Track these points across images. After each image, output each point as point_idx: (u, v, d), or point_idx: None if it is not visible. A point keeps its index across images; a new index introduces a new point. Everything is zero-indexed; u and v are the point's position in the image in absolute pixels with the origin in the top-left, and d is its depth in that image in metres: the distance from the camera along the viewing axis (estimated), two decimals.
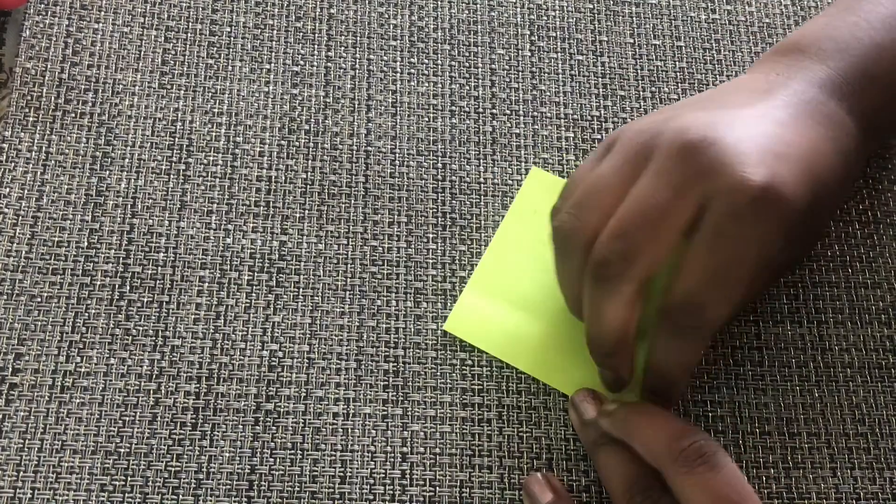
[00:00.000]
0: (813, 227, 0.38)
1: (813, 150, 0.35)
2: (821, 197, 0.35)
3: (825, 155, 0.36)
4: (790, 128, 0.35)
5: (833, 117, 0.37)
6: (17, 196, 0.40)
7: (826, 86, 0.38)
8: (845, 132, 0.37)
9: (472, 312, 0.40)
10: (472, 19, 0.47)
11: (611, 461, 0.36)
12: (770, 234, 0.33)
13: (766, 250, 0.33)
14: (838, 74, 0.38)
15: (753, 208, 0.32)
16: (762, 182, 0.32)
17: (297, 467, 0.37)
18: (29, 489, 0.36)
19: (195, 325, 0.39)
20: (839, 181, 0.37)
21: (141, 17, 0.44)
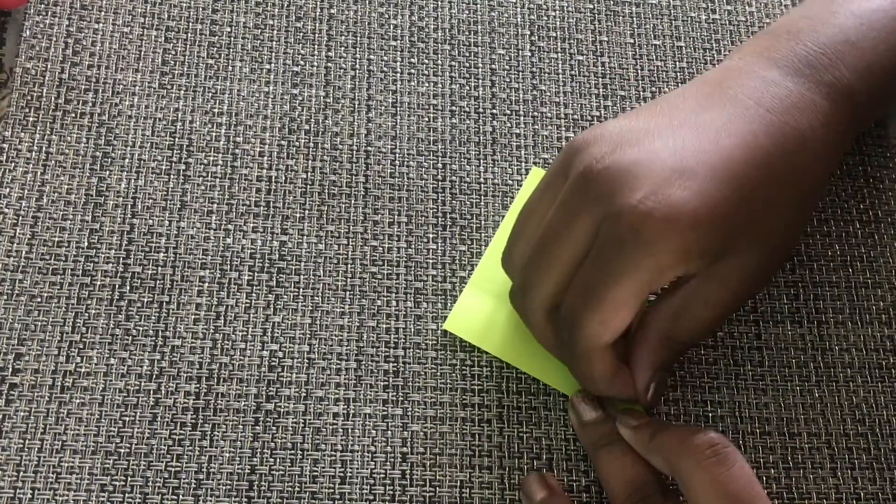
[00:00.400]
0: (769, 225, 0.36)
1: (740, 151, 0.35)
2: (754, 196, 0.35)
3: (758, 151, 0.35)
4: (713, 132, 0.35)
5: (789, 99, 0.36)
6: (17, 196, 0.40)
7: (791, 64, 0.37)
8: (805, 112, 0.36)
9: (472, 312, 0.40)
10: (472, 19, 0.47)
11: (611, 463, 0.36)
12: (660, 257, 0.33)
13: (661, 271, 0.33)
14: (812, 47, 0.38)
15: (633, 235, 0.33)
16: (643, 209, 0.33)
17: (297, 467, 0.37)
18: (29, 489, 0.36)
19: (195, 325, 0.39)
20: (792, 169, 0.36)
21: (141, 17, 0.44)
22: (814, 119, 0.36)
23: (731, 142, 0.35)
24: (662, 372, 0.36)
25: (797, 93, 0.37)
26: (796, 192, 0.36)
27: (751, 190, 0.34)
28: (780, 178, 0.35)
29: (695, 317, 0.35)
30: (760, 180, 0.35)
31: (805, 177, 0.36)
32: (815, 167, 0.37)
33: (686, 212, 0.33)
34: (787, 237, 0.37)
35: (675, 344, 0.36)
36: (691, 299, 0.35)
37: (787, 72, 0.37)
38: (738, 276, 0.35)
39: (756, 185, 0.35)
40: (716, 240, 0.34)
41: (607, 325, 0.34)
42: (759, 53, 0.38)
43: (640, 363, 0.36)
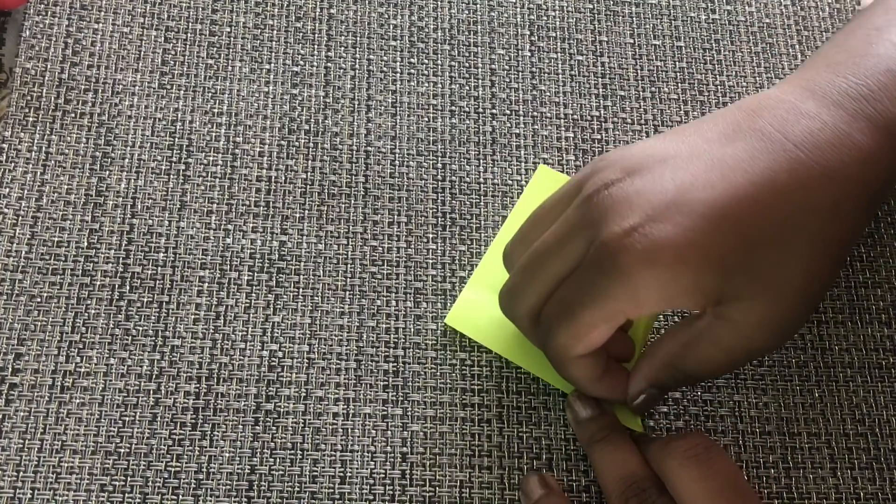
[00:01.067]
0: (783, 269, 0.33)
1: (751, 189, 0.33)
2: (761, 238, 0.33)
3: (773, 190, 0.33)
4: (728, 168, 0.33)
5: (822, 134, 0.34)
6: (17, 196, 0.40)
7: (830, 96, 0.35)
8: (838, 149, 0.34)
9: (473, 307, 0.40)
10: (472, 19, 0.47)
11: (606, 459, 0.36)
12: (637, 290, 0.32)
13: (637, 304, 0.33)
14: (852, 79, 0.35)
15: (612, 264, 0.32)
16: (626, 241, 0.32)
17: (297, 467, 0.37)
18: (29, 489, 0.36)
19: (195, 325, 0.39)
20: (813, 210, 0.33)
21: (141, 17, 0.44)
22: (847, 156, 0.34)
23: (743, 179, 0.33)
24: (658, 391, 0.36)
25: (832, 126, 0.34)
26: (818, 236, 0.33)
27: (757, 230, 0.33)
28: (796, 219, 0.33)
29: (702, 353, 0.34)
30: (770, 221, 0.33)
31: (830, 218, 0.33)
32: (844, 208, 0.34)
33: (668, 248, 0.32)
34: (807, 284, 0.34)
35: (678, 372, 0.35)
36: (703, 334, 0.34)
37: (825, 104, 0.35)
38: (748, 322, 0.33)
39: (764, 225, 0.33)
40: (711, 279, 0.33)
41: (578, 341, 0.34)
42: (798, 84, 0.36)
43: (639, 373, 0.36)
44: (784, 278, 0.33)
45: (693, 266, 0.32)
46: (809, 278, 0.34)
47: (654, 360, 0.36)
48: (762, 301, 0.33)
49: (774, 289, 0.33)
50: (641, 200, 0.33)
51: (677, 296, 0.33)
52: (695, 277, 0.32)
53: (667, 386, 0.36)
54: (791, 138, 0.34)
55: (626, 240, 0.32)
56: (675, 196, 0.33)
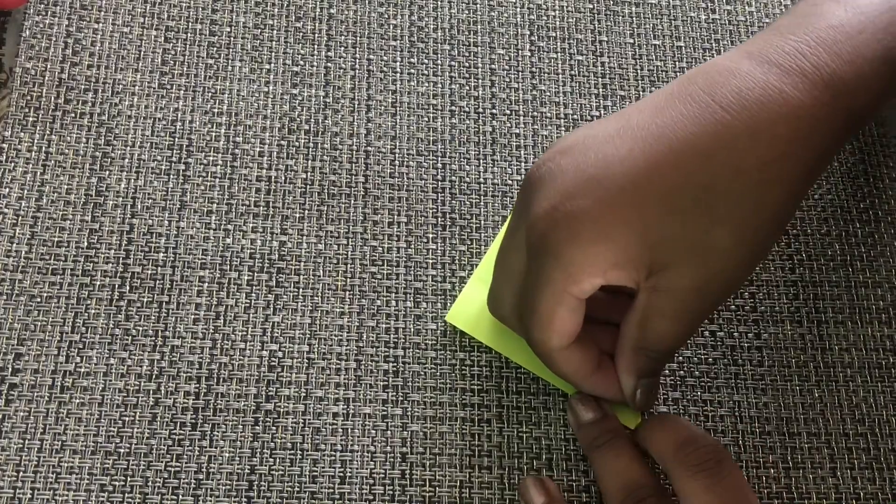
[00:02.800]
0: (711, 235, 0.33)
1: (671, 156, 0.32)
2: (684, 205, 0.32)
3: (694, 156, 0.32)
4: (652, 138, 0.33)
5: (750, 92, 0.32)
6: (17, 196, 0.40)
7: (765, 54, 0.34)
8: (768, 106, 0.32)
9: (474, 305, 0.40)
10: (472, 19, 0.47)
11: (608, 465, 0.36)
12: (569, 268, 0.33)
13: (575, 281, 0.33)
14: (792, 38, 0.34)
15: (542, 245, 0.33)
16: (549, 219, 0.32)
17: (296, 467, 0.37)
18: (29, 489, 0.36)
19: (195, 325, 0.39)
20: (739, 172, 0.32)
21: (141, 17, 0.44)
22: (776, 114, 0.32)
23: (665, 146, 0.32)
24: (647, 379, 0.36)
25: (762, 83, 0.33)
26: (745, 198, 0.32)
27: (680, 197, 0.32)
28: (720, 183, 0.32)
29: (656, 327, 0.34)
30: (693, 187, 0.32)
31: (758, 180, 0.32)
32: (774, 169, 0.32)
33: (588, 222, 0.32)
34: (736, 245, 0.33)
35: (648, 352, 0.35)
36: (648, 310, 0.34)
37: (760, 62, 0.33)
38: (684, 288, 0.33)
39: (686, 192, 0.32)
40: (636, 250, 0.32)
41: (548, 331, 0.34)
42: (741, 49, 0.35)
43: (621, 371, 0.36)
44: (710, 242, 0.32)
45: (616, 238, 0.32)
46: (740, 241, 0.33)
47: (625, 352, 0.36)
48: (690, 266, 0.33)
49: (701, 253, 0.33)
50: (564, 178, 0.33)
51: (608, 269, 0.33)
52: (621, 249, 0.32)
53: (651, 370, 0.36)
54: (717, 100, 0.33)
55: (548, 218, 0.33)
56: (595, 171, 0.33)
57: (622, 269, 0.33)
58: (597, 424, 0.37)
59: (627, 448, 0.36)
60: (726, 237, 0.32)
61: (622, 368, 0.36)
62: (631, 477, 0.35)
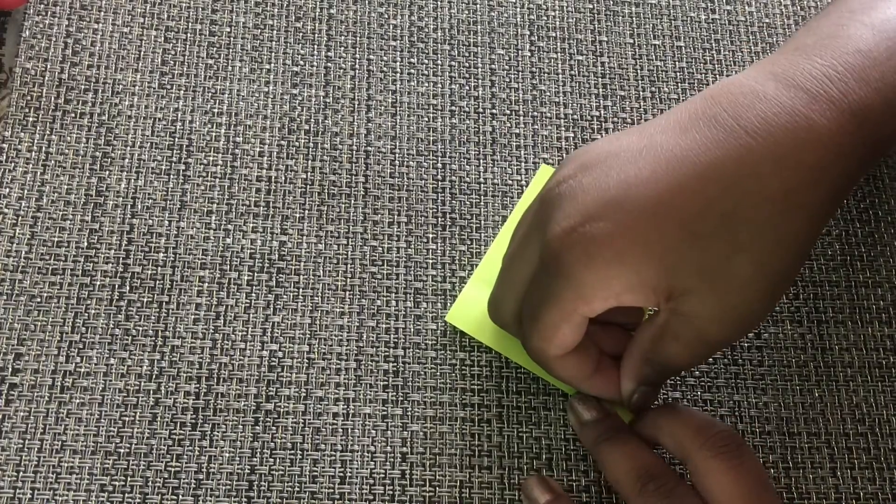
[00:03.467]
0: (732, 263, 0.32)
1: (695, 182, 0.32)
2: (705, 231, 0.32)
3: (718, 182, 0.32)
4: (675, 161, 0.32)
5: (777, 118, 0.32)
6: (17, 196, 0.40)
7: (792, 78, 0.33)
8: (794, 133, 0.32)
9: (474, 305, 0.40)
10: (472, 19, 0.47)
11: (615, 455, 0.36)
12: (581, 289, 0.32)
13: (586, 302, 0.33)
14: (818, 61, 0.33)
15: (556, 264, 0.33)
16: (567, 240, 0.32)
17: (297, 467, 0.37)
18: (29, 489, 0.36)
19: (195, 325, 0.39)
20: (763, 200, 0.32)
21: (141, 17, 0.44)
22: (803, 141, 0.32)
23: (689, 170, 0.32)
24: (649, 386, 0.36)
25: (789, 109, 0.32)
26: (768, 227, 0.32)
27: (702, 223, 0.32)
28: (743, 211, 0.32)
29: (669, 348, 0.34)
30: (716, 213, 0.31)
31: (782, 209, 0.32)
32: (798, 198, 0.32)
33: (605, 246, 0.32)
34: (758, 276, 0.32)
35: (655, 365, 0.35)
36: (665, 330, 0.34)
37: (786, 86, 0.33)
38: (704, 316, 0.32)
39: (709, 218, 0.32)
40: (655, 274, 0.32)
41: (549, 342, 0.34)
42: (763, 68, 0.34)
43: (625, 374, 0.36)
44: (732, 271, 0.32)
45: (633, 263, 0.32)
46: (761, 270, 0.32)
47: (633, 358, 0.36)
48: (712, 294, 0.32)
49: (723, 281, 0.32)
50: (585, 198, 0.33)
51: (622, 292, 0.33)
52: (636, 274, 0.32)
53: (654, 381, 0.36)
54: (742, 124, 0.32)
55: (566, 239, 0.32)
56: (617, 193, 0.32)
57: (636, 294, 0.33)
58: (599, 422, 0.37)
59: (633, 438, 0.36)
60: (747, 265, 0.32)
61: (626, 371, 0.36)
62: (642, 461, 0.35)
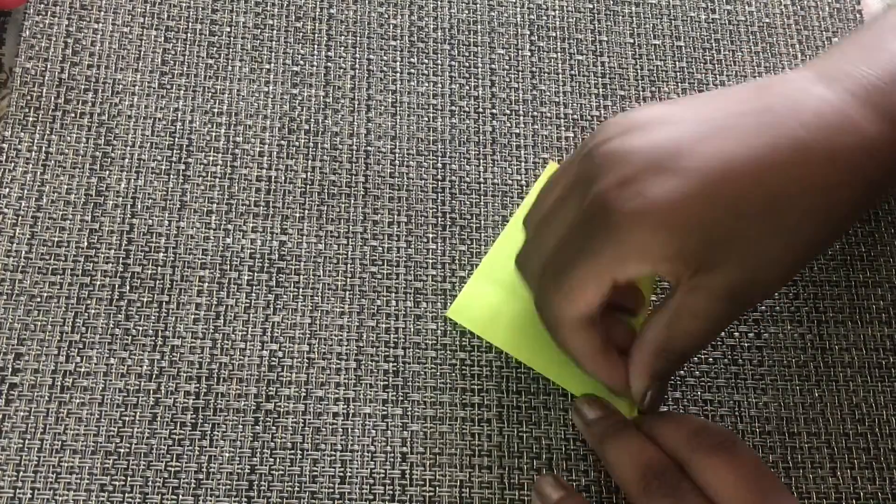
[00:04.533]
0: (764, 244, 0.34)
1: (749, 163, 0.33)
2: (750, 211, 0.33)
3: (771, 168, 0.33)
4: (731, 138, 0.33)
5: (832, 118, 0.34)
6: (17, 196, 0.40)
7: (842, 84, 0.35)
8: (844, 135, 0.34)
9: (476, 300, 0.40)
10: (472, 19, 0.47)
11: (621, 451, 0.35)
12: (623, 247, 0.33)
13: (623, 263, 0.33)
14: (866, 70, 0.35)
15: (603, 220, 0.33)
16: (617, 197, 0.33)
17: (297, 467, 0.37)
18: (29, 489, 0.36)
19: (195, 325, 0.39)
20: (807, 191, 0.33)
21: (141, 17, 0.44)
22: (851, 143, 0.34)
23: (744, 151, 0.33)
24: (660, 382, 0.36)
25: (840, 111, 0.34)
26: (809, 215, 0.34)
27: (749, 204, 0.33)
28: (790, 197, 0.33)
29: (685, 328, 0.35)
30: (763, 196, 0.33)
31: (825, 202, 0.34)
32: (840, 194, 0.34)
33: (658, 209, 0.32)
34: (784, 256, 0.34)
35: (670, 355, 0.35)
36: (681, 309, 0.34)
37: (836, 89, 0.34)
38: (722, 286, 0.34)
39: (756, 199, 0.33)
40: (694, 246, 0.33)
41: (569, 302, 0.35)
42: (812, 69, 0.36)
43: (636, 371, 0.36)
44: (762, 250, 0.33)
45: (678, 230, 0.33)
46: (788, 253, 0.34)
47: (644, 353, 0.36)
48: (736, 268, 0.33)
49: (752, 259, 0.33)
50: (636, 158, 0.33)
51: (659, 260, 0.33)
52: (679, 244, 0.33)
53: (666, 373, 0.36)
54: (798, 117, 0.34)
55: (618, 193, 0.33)
56: (670, 158, 0.33)
57: (673, 263, 0.33)
58: (603, 420, 0.37)
59: (637, 435, 0.36)
60: (779, 248, 0.33)
61: (637, 369, 0.36)
62: (647, 457, 0.35)
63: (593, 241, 0.33)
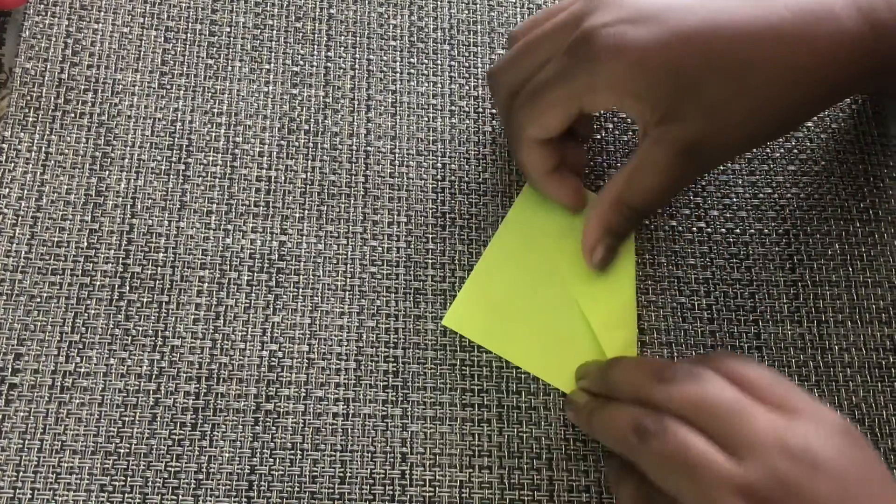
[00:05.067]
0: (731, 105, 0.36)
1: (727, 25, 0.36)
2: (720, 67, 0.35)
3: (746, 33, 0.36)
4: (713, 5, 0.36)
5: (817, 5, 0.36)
6: (17, 196, 0.40)
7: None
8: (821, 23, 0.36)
9: (471, 308, 0.40)
10: (472, 19, 0.47)
11: (605, 420, 0.35)
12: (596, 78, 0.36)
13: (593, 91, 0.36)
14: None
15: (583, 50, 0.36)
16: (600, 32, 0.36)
17: (296, 467, 0.37)
18: (29, 489, 0.36)
19: (195, 325, 0.39)
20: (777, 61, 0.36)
21: (141, 17, 0.44)
22: (827, 34, 0.36)
23: (725, 16, 0.36)
24: (612, 237, 0.39)
25: (826, 5, 0.36)
26: (774, 87, 0.36)
27: (721, 61, 0.35)
28: (761, 65, 0.36)
29: (645, 180, 0.37)
30: (735, 58, 0.36)
31: (791, 78, 0.36)
32: (806, 77, 0.36)
33: (633, 48, 0.35)
34: (745, 122, 0.37)
35: (624, 209, 0.38)
36: (643, 161, 0.37)
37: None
38: (684, 142, 0.36)
39: (728, 59, 0.35)
40: (662, 90, 0.36)
41: (535, 120, 0.38)
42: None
43: (592, 223, 0.39)
44: (728, 110, 0.36)
45: (650, 71, 0.36)
46: (749, 118, 0.37)
47: (601, 205, 0.39)
48: (700, 123, 0.36)
49: (715, 117, 0.36)
50: (630, 5, 0.37)
51: (628, 96, 0.36)
52: (648, 83, 0.36)
53: (619, 229, 0.39)
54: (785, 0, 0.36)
55: (603, 31, 0.36)
56: (660, 8, 0.36)
57: (640, 102, 0.36)
58: (589, 402, 0.37)
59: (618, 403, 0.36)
60: (742, 111, 0.36)
61: (592, 221, 0.39)
62: (630, 415, 0.34)
63: (571, 69, 0.36)
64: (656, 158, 0.37)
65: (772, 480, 0.30)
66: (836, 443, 0.31)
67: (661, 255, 0.42)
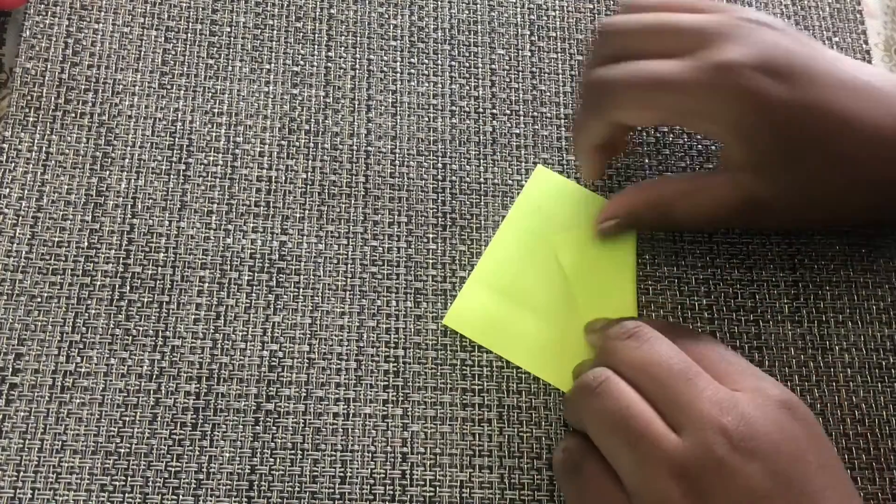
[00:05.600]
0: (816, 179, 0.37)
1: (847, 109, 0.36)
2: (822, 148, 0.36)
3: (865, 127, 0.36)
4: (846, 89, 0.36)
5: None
6: (17, 196, 0.40)
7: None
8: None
9: (472, 308, 0.40)
10: (472, 19, 0.47)
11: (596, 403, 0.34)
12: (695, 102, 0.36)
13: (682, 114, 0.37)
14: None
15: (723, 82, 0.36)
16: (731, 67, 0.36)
17: (297, 467, 0.37)
18: (29, 489, 0.36)
19: (195, 325, 0.39)
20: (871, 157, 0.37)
21: (141, 17, 0.44)
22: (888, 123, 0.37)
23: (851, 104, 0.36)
24: (631, 223, 0.40)
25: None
26: (860, 173, 0.37)
27: (833, 147, 0.36)
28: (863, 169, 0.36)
29: (696, 201, 0.38)
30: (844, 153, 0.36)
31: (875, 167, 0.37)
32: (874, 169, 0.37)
33: (766, 104, 0.35)
34: (816, 209, 0.38)
35: (661, 216, 0.39)
36: (709, 187, 0.38)
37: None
38: (758, 195, 0.37)
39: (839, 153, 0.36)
40: (769, 147, 0.36)
41: (634, 109, 0.38)
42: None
43: (621, 200, 0.40)
44: (809, 183, 0.37)
45: (770, 126, 0.36)
46: (822, 212, 0.39)
47: (641, 197, 0.39)
48: (781, 188, 0.37)
49: (796, 183, 0.37)
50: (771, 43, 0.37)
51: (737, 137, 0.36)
52: (762, 136, 0.36)
53: (638, 221, 0.40)
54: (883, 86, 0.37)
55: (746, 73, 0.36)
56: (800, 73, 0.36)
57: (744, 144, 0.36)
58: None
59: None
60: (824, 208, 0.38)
61: (623, 201, 0.40)
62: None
63: (697, 89, 0.36)
64: (725, 195, 0.38)
65: (706, 459, 0.30)
66: (777, 419, 0.31)
67: (661, 255, 0.42)
